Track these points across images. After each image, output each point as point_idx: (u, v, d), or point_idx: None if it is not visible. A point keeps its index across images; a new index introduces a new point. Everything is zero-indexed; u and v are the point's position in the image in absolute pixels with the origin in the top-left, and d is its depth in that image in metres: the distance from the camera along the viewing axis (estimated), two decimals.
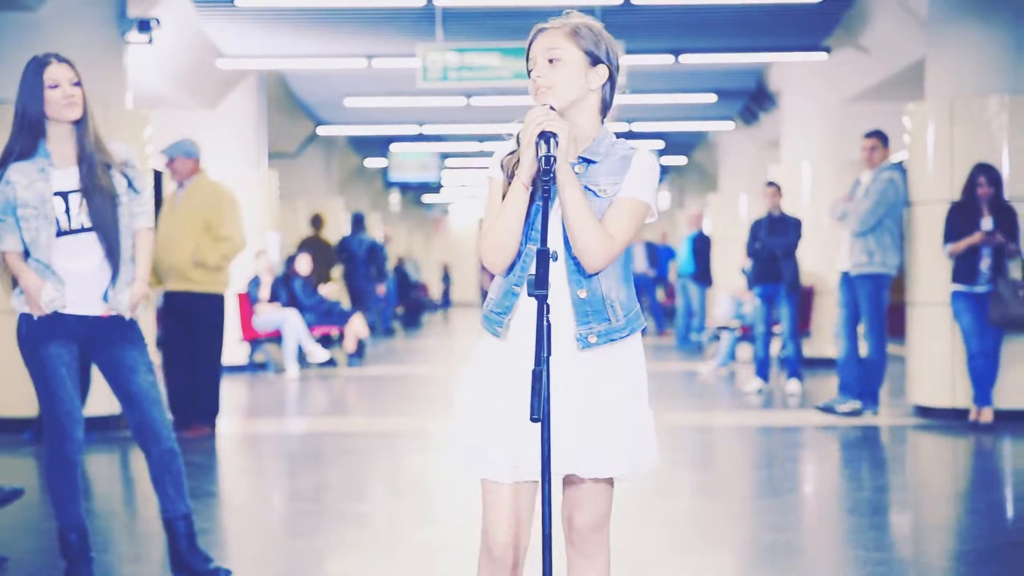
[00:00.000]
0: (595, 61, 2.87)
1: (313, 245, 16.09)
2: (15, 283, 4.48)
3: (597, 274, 2.81)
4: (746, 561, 5.22)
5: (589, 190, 2.81)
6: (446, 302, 32.48)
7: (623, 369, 2.85)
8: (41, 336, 4.43)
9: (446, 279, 32.84)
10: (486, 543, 2.89)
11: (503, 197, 2.84)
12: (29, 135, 4.41)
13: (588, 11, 11.14)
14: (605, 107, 2.90)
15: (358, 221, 17.79)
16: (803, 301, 12.59)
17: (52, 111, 4.39)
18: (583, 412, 2.80)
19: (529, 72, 2.89)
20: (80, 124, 4.44)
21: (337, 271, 16.99)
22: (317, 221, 16.61)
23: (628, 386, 2.86)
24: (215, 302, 8.63)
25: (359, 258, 17.20)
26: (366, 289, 17.35)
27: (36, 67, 4.42)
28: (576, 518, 2.90)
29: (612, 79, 2.89)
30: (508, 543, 2.87)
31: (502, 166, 2.88)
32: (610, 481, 2.89)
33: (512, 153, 2.88)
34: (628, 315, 2.85)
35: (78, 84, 4.43)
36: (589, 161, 2.84)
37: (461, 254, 36.51)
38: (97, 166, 4.42)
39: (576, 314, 2.81)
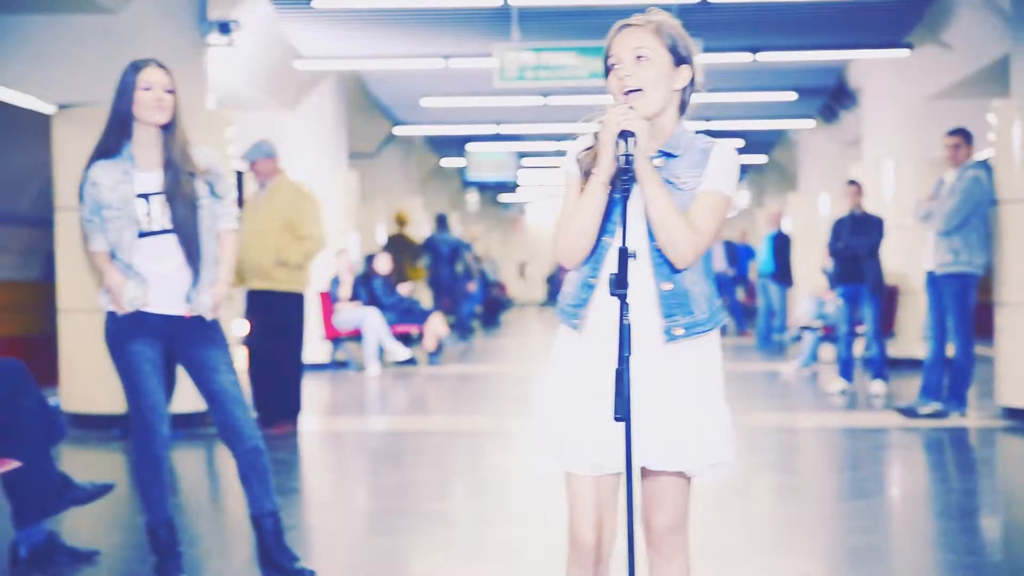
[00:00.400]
0: (679, 61, 2.86)
1: (397, 243, 16.47)
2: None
3: (684, 269, 2.80)
4: (831, 565, 5.15)
5: (670, 183, 2.80)
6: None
7: (702, 364, 2.85)
8: (126, 334, 4.51)
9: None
10: (572, 535, 2.91)
11: (579, 191, 2.84)
12: (116, 133, 4.49)
13: (665, 9, 11.13)
14: (683, 106, 2.90)
15: (441, 221, 18.18)
16: (887, 301, 12.41)
17: (140, 112, 4.45)
18: (665, 405, 2.80)
19: (608, 69, 2.87)
20: (167, 130, 4.50)
21: (423, 270, 17.24)
22: (401, 220, 16.94)
23: (707, 382, 2.85)
24: (297, 301, 8.71)
25: (443, 257, 17.56)
26: (451, 287, 17.61)
27: (133, 68, 4.49)
28: (653, 519, 2.90)
29: (692, 79, 2.89)
30: (593, 535, 2.87)
31: (577, 162, 2.88)
32: (687, 482, 2.88)
33: (588, 149, 2.87)
34: (711, 308, 2.85)
35: (171, 92, 4.49)
36: (669, 155, 2.84)
37: (538, 253, 36.51)
38: (181, 173, 4.48)
39: (661, 307, 2.80)
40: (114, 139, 4.49)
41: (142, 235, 4.47)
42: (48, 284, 11.89)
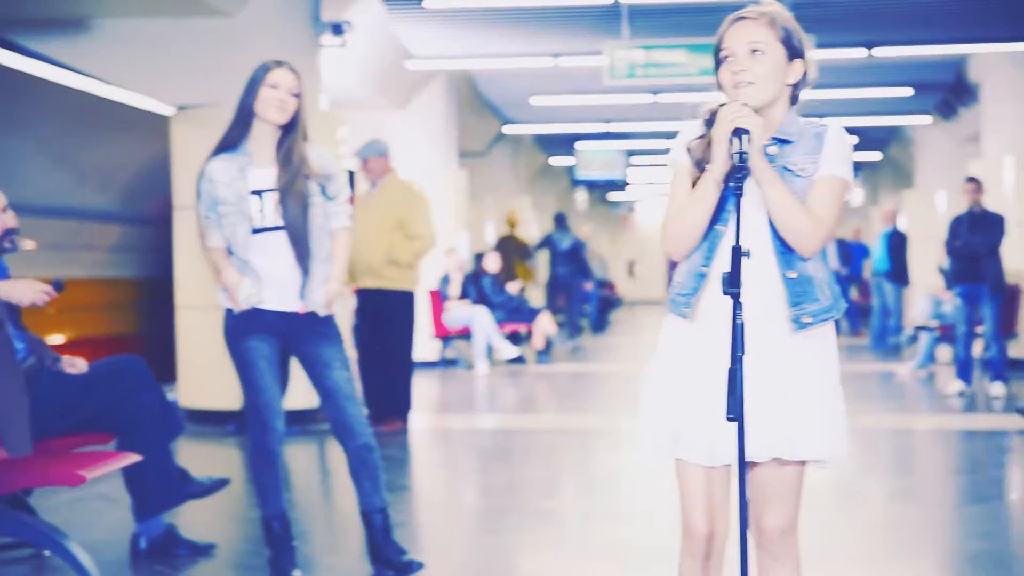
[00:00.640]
0: (792, 55, 2.83)
1: (507, 243, 16.85)
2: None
3: (806, 258, 2.78)
4: (948, 571, 5.03)
5: (788, 170, 2.79)
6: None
7: (823, 355, 2.83)
8: (242, 330, 4.58)
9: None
10: (684, 524, 2.90)
11: (689, 182, 2.83)
12: (237, 126, 4.56)
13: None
14: (793, 100, 2.88)
15: (560, 220, 18.35)
16: (1007, 301, 12.08)
17: (262, 109, 4.52)
18: (790, 395, 2.77)
19: (719, 62, 2.84)
20: (286, 130, 4.56)
21: (532, 269, 17.50)
22: (511, 221, 17.37)
23: (827, 372, 2.83)
24: (407, 299, 8.78)
25: (561, 256, 17.74)
26: (568, 286, 17.75)
27: (263, 68, 4.55)
28: (765, 520, 2.86)
29: (804, 73, 2.87)
30: (705, 525, 2.86)
31: (688, 151, 2.86)
32: (800, 479, 2.84)
33: (700, 138, 2.85)
34: (834, 294, 2.83)
35: (297, 95, 4.55)
36: (784, 141, 2.81)
37: (647, 251, 36.32)
38: (294, 172, 4.53)
39: (788, 295, 2.78)
40: (235, 133, 4.57)
41: (255, 231, 4.54)
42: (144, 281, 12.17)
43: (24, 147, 10.27)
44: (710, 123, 2.86)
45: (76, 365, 4.90)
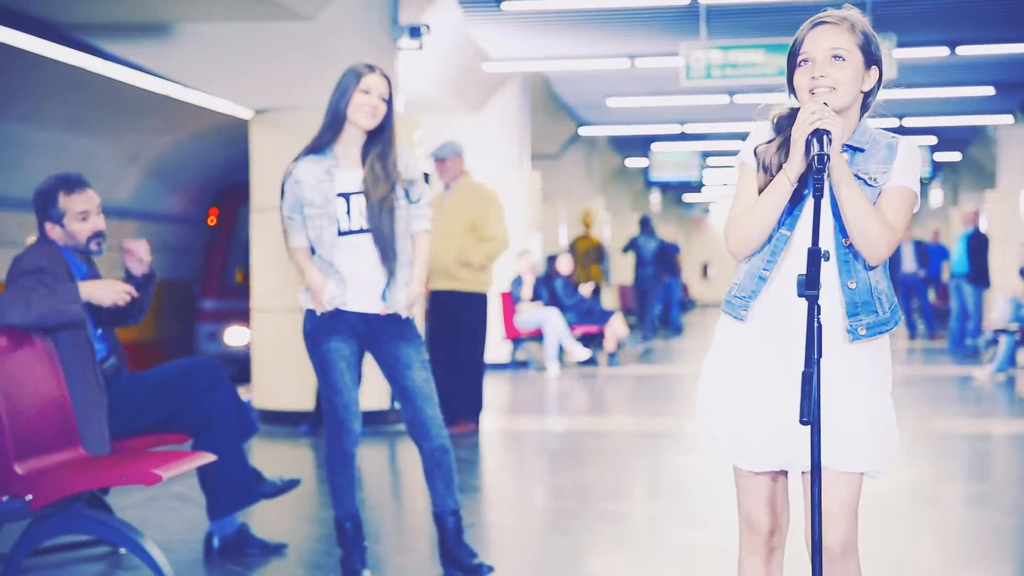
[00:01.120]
0: (869, 63, 2.81)
1: (582, 245, 17.21)
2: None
3: (868, 267, 2.77)
4: None
5: (859, 178, 2.78)
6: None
7: (877, 365, 2.81)
8: (323, 331, 4.62)
9: None
10: (746, 521, 2.90)
11: (755, 184, 2.82)
12: (329, 129, 4.61)
13: (859, 4, 10.86)
14: (864, 108, 2.86)
15: (645, 223, 18.61)
16: None
17: (353, 113, 4.56)
18: (842, 405, 2.75)
19: (796, 65, 2.82)
20: (374, 135, 4.61)
21: (603, 272, 17.99)
22: (586, 222, 17.79)
23: (880, 382, 2.82)
24: (479, 301, 8.81)
25: (646, 258, 18.02)
26: (652, 288, 18.10)
27: (356, 72, 4.59)
28: (826, 537, 2.80)
29: (879, 80, 2.85)
30: (768, 519, 2.87)
31: (756, 154, 2.85)
32: (858, 492, 2.80)
33: (770, 142, 2.83)
34: (892, 307, 2.81)
35: (388, 101, 4.59)
36: (856, 149, 2.80)
37: (721, 253, 36.08)
38: (380, 176, 4.57)
39: (846, 306, 2.77)
40: (326, 136, 4.61)
41: (341, 234, 4.59)
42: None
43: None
44: (779, 127, 2.85)
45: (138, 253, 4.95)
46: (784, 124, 2.85)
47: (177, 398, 4.94)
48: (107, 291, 4.66)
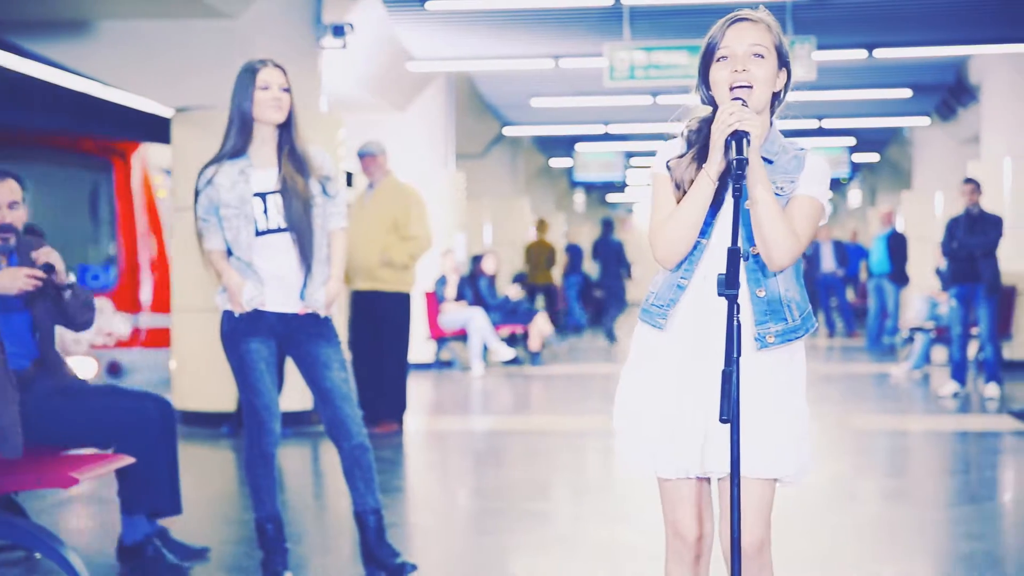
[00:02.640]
0: (782, 64, 2.84)
1: (537, 248, 18.50)
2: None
3: (775, 274, 2.78)
4: (942, 571, 5.04)
5: None
6: None
7: (789, 370, 2.83)
8: (242, 333, 4.58)
9: None
10: (673, 530, 2.90)
11: (672, 195, 2.81)
12: (240, 134, 4.57)
13: (780, 6, 11.00)
14: (773, 108, 2.87)
15: (607, 225, 19.40)
16: (1003, 302, 12.09)
17: (259, 112, 4.54)
18: (754, 411, 2.77)
19: (712, 60, 2.81)
20: (284, 128, 4.58)
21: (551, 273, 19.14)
22: (541, 227, 18.88)
23: (793, 388, 2.84)
24: (402, 301, 8.79)
25: (608, 259, 18.79)
26: (614, 288, 18.81)
27: (251, 70, 4.57)
28: (741, 537, 2.83)
29: (787, 83, 2.87)
30: (695, 528, 2.88)
31: (668, 168, 2.85)
32: (772, 495, 2.84)
33: (681, 156, 2.84)
34: (803, 315, 2.82)
35: (287, 90, 4.57)
36: (765, 160, 2.79)
37: (646, 253, 36.30)
38: (296, 172, 4.55)
39: (755, 313, 2.78)
40: (240, 140, 4.57)
41: (258, 234, 4.55)
42: None
43: None
44: (690, 141, 2.86)
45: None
46: (694, 139, 2.85)
47: (100, 402, 4.80)
48: (11, 280, 4.49)
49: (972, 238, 10.26)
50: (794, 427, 2.82)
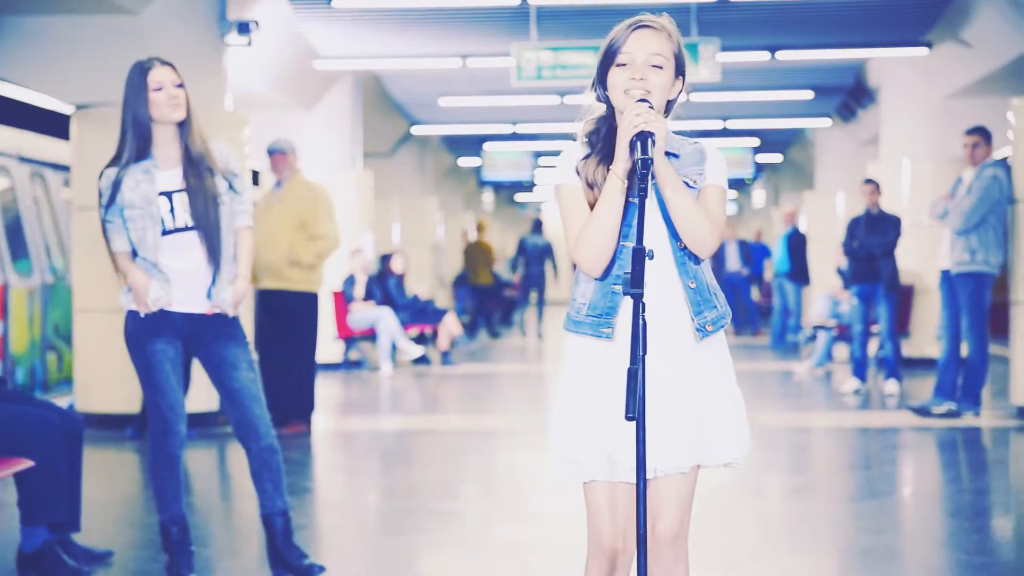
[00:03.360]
0: (679, 72, 2.89)
1: (475, 249, 19.87)
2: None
3: (699, 264, 2.85)
4: (843, 564, 5.15)
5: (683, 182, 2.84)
6: None
7: (722, 359, 2.90)
8: (147, 333, 4.52)
9: None
10: (597, 542, 2.91)
11: (585, 201, 2.83)
12: (139, 139, 4.49)
13: (685, 8, 11.13)
14: (668, 111, 2.92)
15: (537, 225, 20.31)
16: (902, 300, 12.37)
17: (157, 113, 4.47)
18: (705, 400, 2.83)
19: (613, 64, 2.83)
20: (183, 125, 4.53)
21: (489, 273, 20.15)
22: (480, 227, 20.23)
23: (728, 375, 2.91)
24: (310, 300, 8.73)
25: (532, 257, 19.73)
26: (539, 284, 19.87)
27: (140, 71, 4.50)
28: (656, 526, 2.87)
29: (681, 90, 2.93)
30: (620, 541, 2.89)
31: (577, 172, 2.86)
32: (694, 484, 2.88)
33: (586, 157, 2.87)
34: (724, 301, 2.92)
35: (181, 86, 4.51)
36: (672, 155, 2.85)
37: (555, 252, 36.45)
38: (200, 167, 4.51)
39: (691, 304, 2.84)
40: (140, 144, 4.49)
41: (165, 233, 4.49)
42: None
43: None
44: (591, 142, 2.89)
45: None
46: (594, 139, 2.88)
47: (3, 416, 4.67)
48: None
49: (872, 238, 10.47)
50: (739, 410, 2.89)
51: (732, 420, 2.86)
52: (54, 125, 11.83)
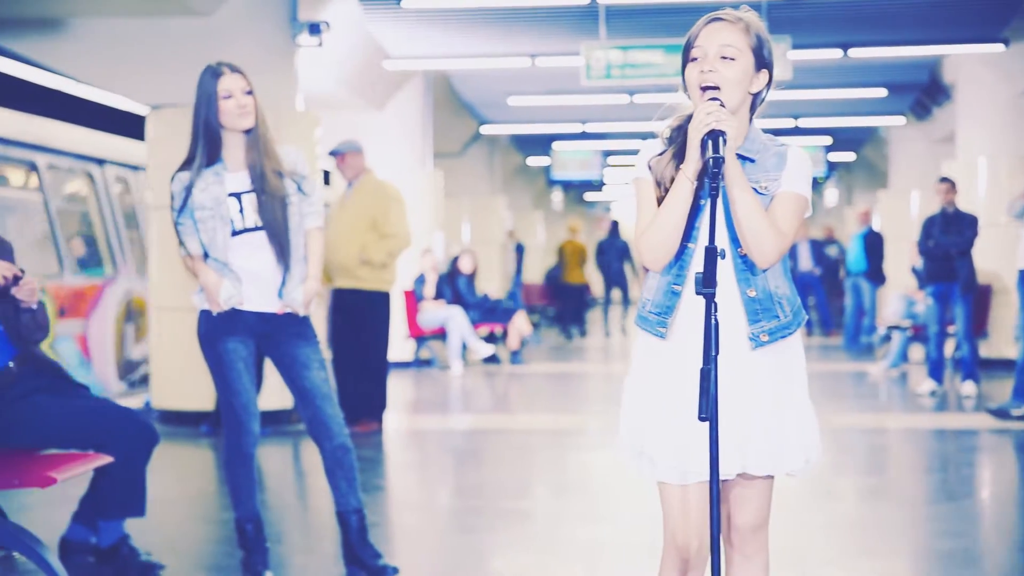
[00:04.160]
0: (760, 65, 2.82)
1: (569, 249, 20.18)
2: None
3: (764, 272, 2.78)
4: (920, 568, 5.07)
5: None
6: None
7: (787, 364, 2.83)
8: (219, 332, 4.57)
9: None
10: (673, 541, 2.88)
11: (655, 196, 2.81)
12: (209, 145, 4.54)
13: (755, 6, 11.02)
14: (752, 110, 2.86)
15: (615, 227, 20.69)
16: (979, 300, 12.18)
17: (226, 120, 4.52)
18: (755, 410, 2.77)
19: (688, 60, 2.82)
20: (252, 132, 4.56)
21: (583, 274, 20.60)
22: (573, 229, 20.62)
23: (793, 381, 2.84)
24: (381, 299, 8.77)
25: (612, 257, 20.23)
26: (621, 284, 20.23)
27: (210, 78, 4.54)
28: (737, 517, 2.87)
29: (768, 84, 2.85)
30: (696, 541, 2.86)
31: (650, 168, 2.85)
32: (772, 480, 2.86)
33: (661, 154, 2.84)
34: (794, 310, 2.83)
35: (250, 93, 4.54)
36: (746, 159, 2.80)
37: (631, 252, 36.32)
38: (267, 171, 4.54)
39: (747, 313, 2.78)
40: (210, 150, 4.54)
41: (235, 233, 4.54)
42: None
43: None
44: (671, 140, 2.86)
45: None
46: (675, 136, 2.85)
47: (82, 412, 4.72)
48: None
49: (948, 237, 10.32)
50: (801, 420, 2.82)
51: (788, 433, 2.79)
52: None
